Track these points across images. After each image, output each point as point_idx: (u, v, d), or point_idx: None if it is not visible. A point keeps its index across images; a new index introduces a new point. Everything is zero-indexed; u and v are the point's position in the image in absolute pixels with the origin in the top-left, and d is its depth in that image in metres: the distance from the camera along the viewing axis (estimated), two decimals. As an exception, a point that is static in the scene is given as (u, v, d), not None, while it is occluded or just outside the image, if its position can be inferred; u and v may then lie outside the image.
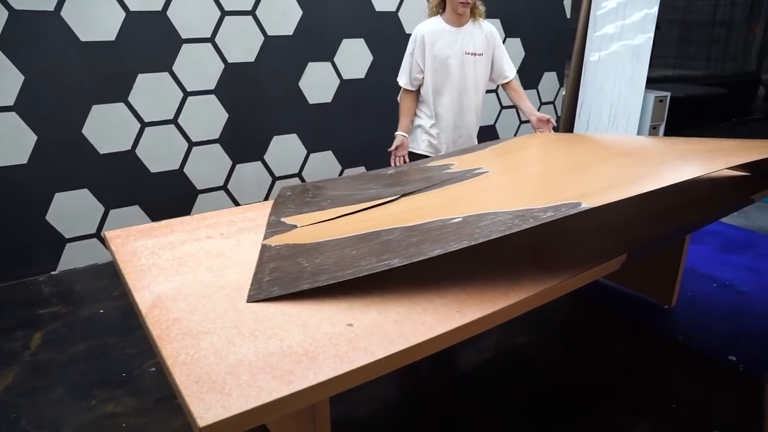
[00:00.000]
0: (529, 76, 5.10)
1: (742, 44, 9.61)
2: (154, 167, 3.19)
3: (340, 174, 4.07)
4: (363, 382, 1.15)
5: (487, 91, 5.24)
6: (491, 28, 2.75)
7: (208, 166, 3.39)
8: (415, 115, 2.82)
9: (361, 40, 3.86)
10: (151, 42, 3.00)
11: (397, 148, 2.76)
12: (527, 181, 2.08)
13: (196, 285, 1.44)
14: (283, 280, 1.44)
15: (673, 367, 2.33)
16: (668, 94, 6.49)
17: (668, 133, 6.76)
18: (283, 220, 1.91)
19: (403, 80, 2.75)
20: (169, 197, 3.29)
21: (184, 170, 3.31)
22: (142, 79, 3.03)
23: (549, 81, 5.35)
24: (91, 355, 2.35)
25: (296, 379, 1.07)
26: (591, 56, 6.22)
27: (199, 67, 3.18)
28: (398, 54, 4.17)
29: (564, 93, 5.86)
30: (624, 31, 6.02)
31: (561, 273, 1.58)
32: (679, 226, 1.99)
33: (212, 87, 3.27)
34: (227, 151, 3.45)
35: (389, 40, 4.01)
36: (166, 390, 2.12)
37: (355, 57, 3.87)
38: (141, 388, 2.14)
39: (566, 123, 6.31)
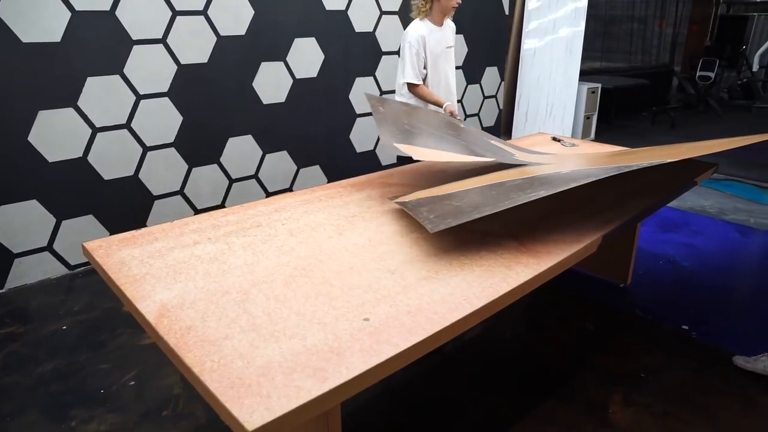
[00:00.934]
0: (472, 71, 5.25)
1: (657, 39, 10.31)
2: (107, 174, 3.05)
3: (296, 174, 4.04)
4: (389, 374, 1.18)
5: (471, 83, 5.37)
6: (452, 24, 3.35)
7: (163, 171, 3.28)
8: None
9: (313, 39, 3.85)
10: (99, 43, 2.87)
11: (452, 113, 3.12)
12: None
13: (198, 291, 1.42)
14: (446, 215, 1.54)
15: (635, 339, 2.51)
16: (599, 85, 6.87)
17: (599, 120, 7.16)
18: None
19: (412, 77, 3.08)
20: (125, 205, 3.16)
21: (140, 176, 3.19)
22: (91, 82, 2.88)
23: (491, 75, 5.54)
24: (62, 374, 2.24)
25: (330, 375, 1.09)
26: (526, 51, 6.49)
27: (151, 69, 3.07)
28: (348, 52, 4.21)
29: (504, 87, 6.08)
30: (557, 24, 6.31)
31: (548, 257, 1.67)
32: (641, 209, 2.15)
33: (165, 89, 3.16)
34: (183, 154, 3.35)
35: (339, 38, 4.02)
36: (150, 403, 2.05)
37: (307, 56, 3.85)
38: (123, 404, 2.06)
39: (506, 116, 6.55)
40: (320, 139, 4.15)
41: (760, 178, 5.12)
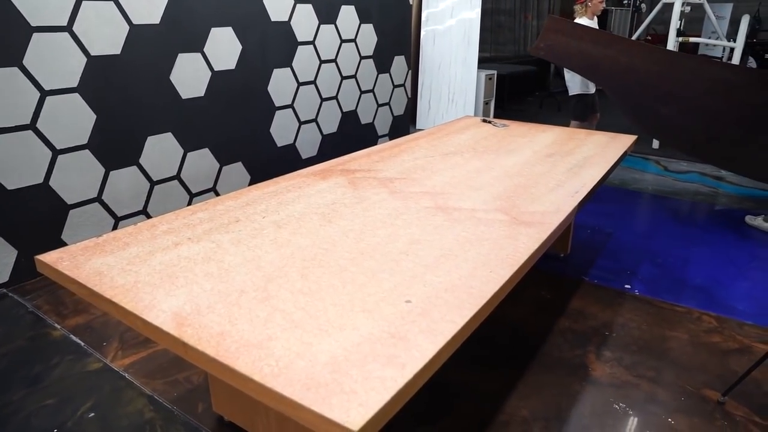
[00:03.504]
0: (381, 61, 5.27)
1: (538, 30, 11.07)
2: (11, 183, 2.64)
3: (219, 172, 3.80)
4: (453, 351, 1.14)
5: (381, 72, 5.29)
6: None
7: (77, 176, 2.90)
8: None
9: (230, 29, 3.62)
10: (-9, 32, 2.46)
11: None
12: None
13: (210, 294, 1.27)
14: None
15: (588, 302, 2.67)
16: (495, 72, 7.22)
17: (496, 105, 7.54)
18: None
19: None
20: (34, 216, 2.75)
21: (50, 183, 2.79)
22: (-17, 77, 2.47)
23: (399, 64, 5.59)
24: (-2, 417, 1.90)
25: (406, 361, 1.02)
26: (426, 39, 6.65)
27: (56, 61, 2.69)
28: (266, 42, 4.02)
29: (411, 75, 6.17)
30: (454, 12, 6.53)
31: (542, 227, 1.72)
32: (598, 178, 2.28)
33: (75, 84, 2.80)
34: (98, 157, 2.99)
35: (256, 28, 3.83)
36: (119, 433, 1.82)
37: (224, 47, 3.62)
38: (87, 439, 1.80)
39: (412, 102, 6.66)
40: (241, 134, 3.93)
41: (643, 151, 5.69)
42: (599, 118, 5.19)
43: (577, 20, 4.53)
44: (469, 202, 1.92)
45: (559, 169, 2.39)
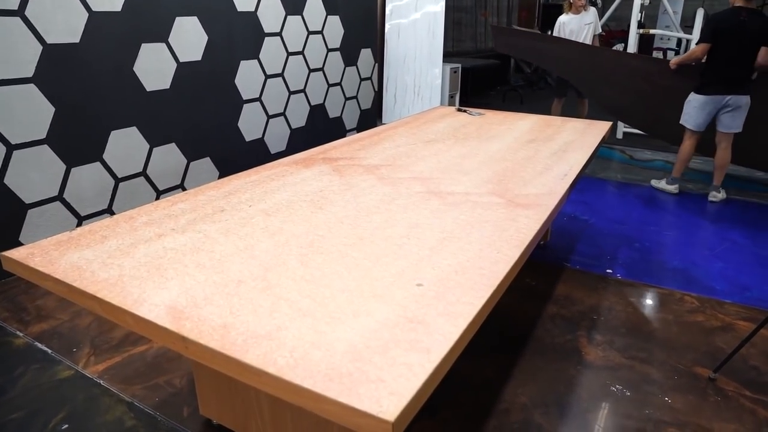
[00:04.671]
0: (348, 54, 5.18)
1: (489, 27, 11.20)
2: (-38, 183, 2.44)
3: (186, 168, 3.64)
4: (473, 334, 1.08)
5: (348, 65, 5.18)
6: (592, 9, 5.23)
7: (36, 173, 2.71)
8: None
9: (195, 18, 3.47)
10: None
11: None
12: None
13: (205, 286, 1.17)
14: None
15: (573, 287, 2.67)
16: (459, 65, 7.23)
17: (461, 99, 7.56)
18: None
19: None
20: (-12, 219, 2.56)
21: (5, 182, 2.60)
22: (-72, 67, 2.26)
23: (366, 57, 5.52)
24: (-41, 434, 1.74)
25: (431, 346, 0.96)
26: (390, 33, 6.59)
27: (8, 48, 2.50)
28: (232, 32, 3.87)
29: (377, 68, 6.11)
30: (418, 5, 6.50)
31: (539, 208, 1.68)
32: (583, 162, 2.27)
33: (30, 74, 2.60)
34: (58, 152, 2.80)
35: (222, 18, 3.69)
36: (99, 443, 1.69)
37: (189, 37, 3.47)
38: (62, 452, 1.66)
39: (378, 96, 6.60)
40: (208, 128, 3.78)
41: (608, 141, 5.80)
42: (588, 105, 5.48)
43: (563, 15, 5.50)
44: (461, 186, 1.87)
45: (543, 153, 2.37)
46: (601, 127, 2.96)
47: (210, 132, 3.79)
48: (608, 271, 2.85)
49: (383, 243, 1.39)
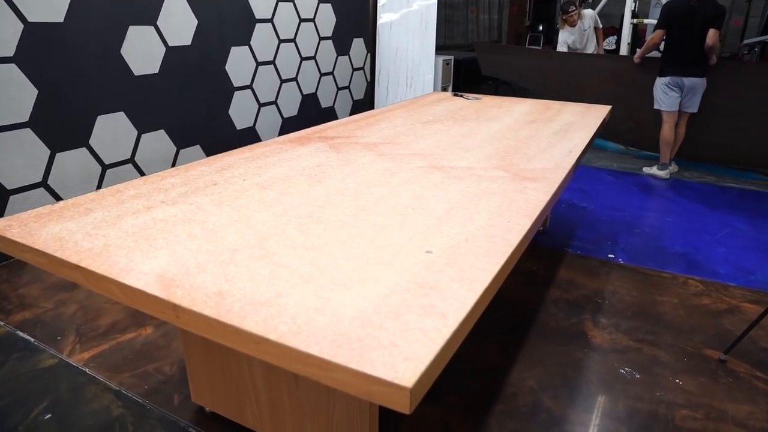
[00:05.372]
0: (341, 42, 5.10)
1: (487, 21, 11.17)
2: (-61, 166, 2.33)
3: (176, 156, 3.54)
4: (488, 301, 1.00)
5: (340, 54, 5.08)
6: (589, 11, 5.19)
7: (18, 158, 2.60)
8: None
9: (184, 1, 3.36)
10: None
11: None
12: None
13: (198, 254, 1.08)
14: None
15: (576, 272, 2.60)
16: (452, 57, 7.16)
17: (453, 91, 7.49)
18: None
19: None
20: (-32, 205, 2.45)
21: (-14, 166, 2.49)
22: None
23: (358, 47, 5.44)
24: (-65, 424, 1.64)
25: (447, 311, 0.88)
26: (382, 25, 6.51)
27: (-13, 26, 2.39)
28: (222, 17, 3.77)
29: (370, 59, 6.03)
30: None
31: (546, 181, 1.61)
32: (586, 141, 2.20)
33: (11, 53, 2.49)
34: (42, 137, 2.69)
35: (212, 1, 3.58)
36: (84, 433, 1.59)
37: (179, 20, 3.36)
38: (45, 441, 1.57)
39: (371, 87, 6.51)
40: (199, 115, 3.67)
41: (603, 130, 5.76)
42: None
43: (561, 33, 5.46)
44: (464, 161, 1.80)
45: (545, 133, 2.30)
46: (601, 110, 2.90)
47: (200, 119, 3.69)
48: (610, 256, 2.79)
49: (387, 213, 1.31)
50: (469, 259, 1.06)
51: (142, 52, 3.16)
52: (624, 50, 5.71)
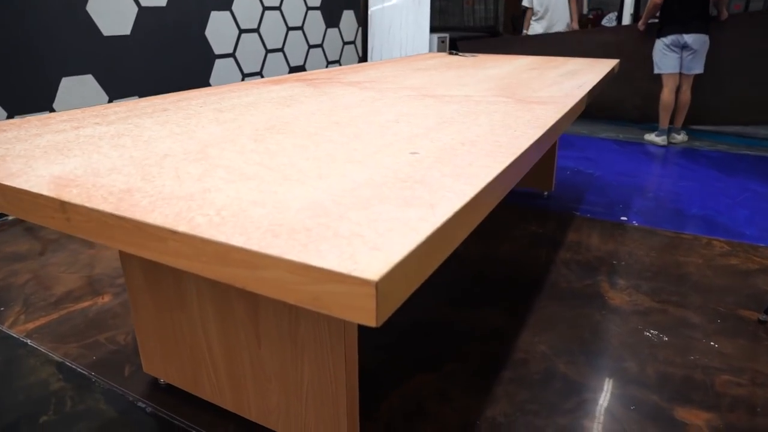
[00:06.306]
0: (329, 14, 4.84)
1: (483, 4, 10.93)
2: None
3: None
4: (495, 205, 0.76)
5: (330, 26, 4.84)
6: None
7: (-32, 119, 2.36)
8: None
9: (156, -44, 3.12)
10: None
11: None
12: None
13: (116, 160, 0.84)
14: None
15: (585, 234, 2.35)
16: (447, 35, 6.91)
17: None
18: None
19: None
20: None
21: (-69, 126, 2.24)
22: None
23: (348, 20, 5.18)
24: None
25: (437, 202, 0.63)
26: (374, 1, 6.26)
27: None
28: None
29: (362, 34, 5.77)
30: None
31: (556, 105, 1.36)
32: (597, 79, 1.96)
33: (-44, 0, 2.25)
34: (-4, 96, 2.45)
35: (188, -41, 3.33)
36: (13, 412, 1.34)
37: (150, -23, 3.11)
38: (-32, 420, 1.31)
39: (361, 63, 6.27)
40: (176, 83, 3.42)
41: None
42: None
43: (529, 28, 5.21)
44: (460, 92, 1.55)
45: (550, 75, 2.05)
46: (608, 63, 2.65)
47: (179, 86, 3.44)
48: (623, 218, 2.54)
49: (365, 126, 1.06)
50: (466, 159, 0.82)
51: (110, 10, 2.90)
52: (627, 21, 5.47)
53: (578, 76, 2.02)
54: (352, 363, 1.03)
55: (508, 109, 1.26)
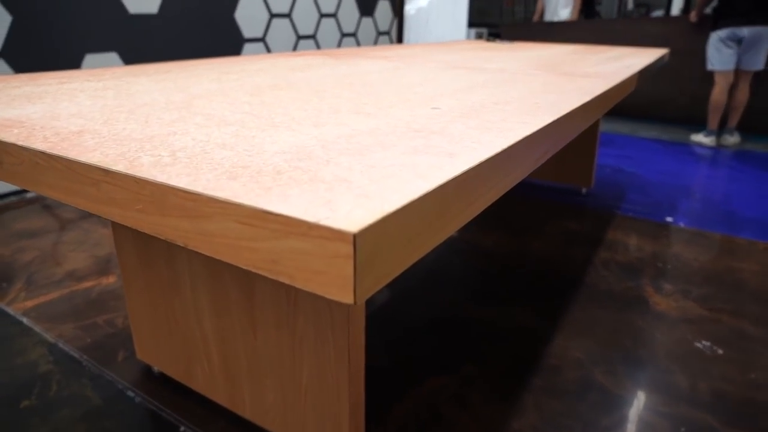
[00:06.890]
0: (366, 3, 4.72)
1: (514, 15, 10.72)
2: None
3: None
4: (531, 171, 0.60)
5: (364, 15, 4.76)
6: None
7: (-12, 91, 2.31)
8: None
9: (186, -66, 3.04)
10: None
11: None
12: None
13: (83, 108, 0.71)
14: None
15: (626, 233, 2.16)
16: (485, 30, 6.72)
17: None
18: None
19: None
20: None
21: (-51, 97, 2.20)
22: None
23: (384, 10, 5.05)
24: None
25: (458, 152, 0.48)
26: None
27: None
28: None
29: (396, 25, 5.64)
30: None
31: (605, 79, 1.19)
32: (646, 64, 1.77)
33: (-21, -31, 2.20)
34: (18, 69, 2.40)
35: (219, -61, 3.25)
36: (-1, 391, 1.25)
37: (179, -44, 3.04)
38: (-51, 399, 1.22)
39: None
40: (204, 67, 3.34)
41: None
42: None
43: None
44: (494, 65, 1.39)
45: (594, 59, 1.87)
46: (657, 51, 2.44)
47: (205, 72, 3.36)
48: (668, 219, 2.33)
49: (382, 86, 0.92)
50: (498, 116, 0.66)
51: (137, -13, 2.84)
52: (676, 11, 5.16)
53: (625, 60, 1.83)
54: (358, 358, 0.89)
55: (550, 79, 1.10)
